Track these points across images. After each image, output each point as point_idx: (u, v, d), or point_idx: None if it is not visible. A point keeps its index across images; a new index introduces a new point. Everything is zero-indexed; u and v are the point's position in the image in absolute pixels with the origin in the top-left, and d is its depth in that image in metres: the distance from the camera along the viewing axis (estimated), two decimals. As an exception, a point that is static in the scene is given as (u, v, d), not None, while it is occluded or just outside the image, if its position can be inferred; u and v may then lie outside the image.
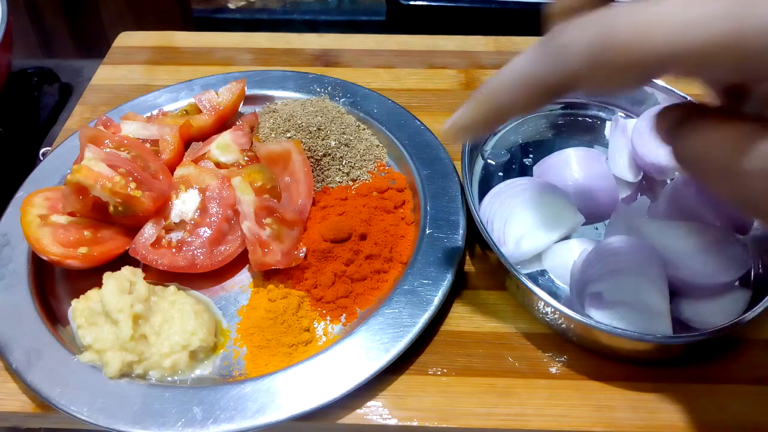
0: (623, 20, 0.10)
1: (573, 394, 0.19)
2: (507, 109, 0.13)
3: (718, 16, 0.09)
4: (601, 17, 0.11)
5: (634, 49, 0.10)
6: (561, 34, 0.11)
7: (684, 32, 0.09)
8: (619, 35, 0.10)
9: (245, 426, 0.17)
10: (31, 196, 0.22)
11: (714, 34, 0.09)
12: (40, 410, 0.18)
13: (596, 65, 0.11)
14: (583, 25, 0.11)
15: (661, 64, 0.10)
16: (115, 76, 0.31)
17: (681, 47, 0.10)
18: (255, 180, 0.23)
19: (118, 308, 0.19)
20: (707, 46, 0.09)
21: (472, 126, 0.14)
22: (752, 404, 0.18)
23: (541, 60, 0.12)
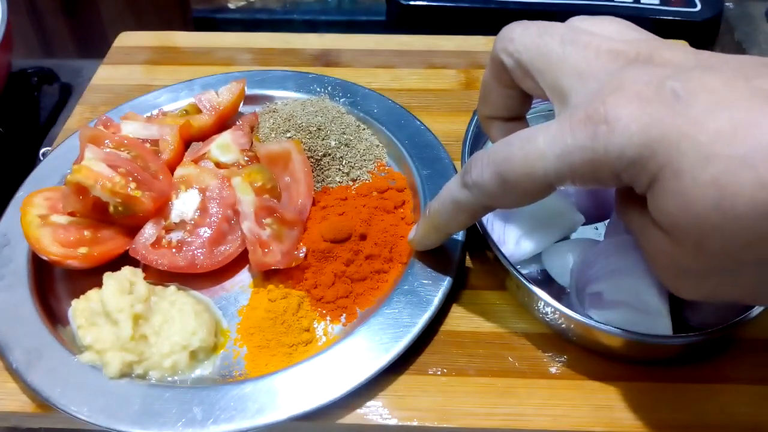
0: (516, 155, 0.14)
1: (573, 394, 0.19)
2: (448, 228, 0.18)
3: (577, 149, 0.13)
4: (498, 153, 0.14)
5: (527, 179, 0.14)
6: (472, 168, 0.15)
7: (557, 162, 0.13)
8: (515, 170, 0.14)
9: (245, 426, 0.17)
10: (31, 196, 0.22)
11: (574, 163, 0.13)
12: (40, 410, 0.18)
13: (504, 194, 0.15)
14: (487, 162, 0.15)
15: (551, 184, 0.14)
16: (115, 76, 0.31)
17: (558, 173, 0.13)
18: (255, 180, 0.23)
19: (119, 308, 0.19)
20: (574, 170, 0.13)
21: (425, 242, 0.19)
22: (753, 404, 0.18)
23: (465, 192, 0.16)
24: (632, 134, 0.12)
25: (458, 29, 0.34)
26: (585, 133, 0.12)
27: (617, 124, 0.12)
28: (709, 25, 0.38)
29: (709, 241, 0.12)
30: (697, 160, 0.11)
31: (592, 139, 0.12)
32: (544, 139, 0.13)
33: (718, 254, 0.12)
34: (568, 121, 0.13)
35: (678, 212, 0.12)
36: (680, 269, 0.13)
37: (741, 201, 0.11)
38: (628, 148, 0.12)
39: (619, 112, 0.12)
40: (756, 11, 0.40)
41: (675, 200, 0.12)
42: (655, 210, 0.12)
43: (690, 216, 0.11)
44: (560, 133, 0.13)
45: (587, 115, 0.12)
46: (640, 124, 0.12)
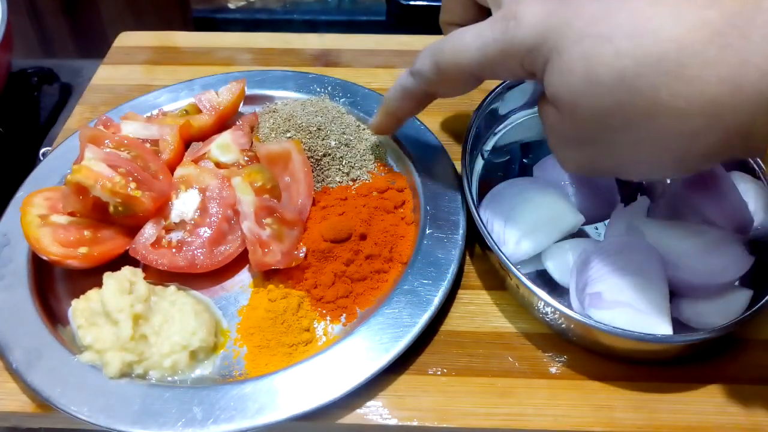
0: (447, 46, 0.17)
1: (573, 394, 0.19)
2: (398, 112, 0.21)
3: (492, 42, 0.16)
4: (435, 46, 0.18)
5: (455, 67, 0.17)
6: (418, 58, 0.18)
7: (478, 54, 0.16)
8: (445, 58, 0.17)
9: (245, 426, 0.17)
10: (31, 196, 0.22)
11: (490, 53, 0.16)
12: (40, 410, 0.18)
13: (439, 79, 0.18)
14: (428, 52, 0.18)
15: (474, 74, 0.17)
16: (115, 76, 0.31)
17: (479, 63, 0.16)
18: (255, 180, 0.23)
19: (119, 308, 0.19)
20: (491, 61, 0.16)
21: (381, 127, 0.22)
22: (753, 404, 0.18)
23: (410, 79, 0.19)
24: (532, 26, 0.15)
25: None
26: (499, 28, 0.15)
27: (522, 18, 0.15)
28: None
29: (581, 107, 0.14)
30: (573, 40, 0.14)
31: (503, 32, 0.15)
32: (471, 35, 0.16)
33: (589, 119, 0.14)
34: (491, 19, 0.16)
35: (558, 84, 0.14)
36: (564, 138, 0.16)
37: (602, 69, 0.13)
38: (529, 37, 0.15)
39: (525, 9, 0.15)
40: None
41: (556, 75, 0.14)
42: (546, 87, 0.15)
43: (566, 86, 0.14)
44: (483, 29, 0.16)
45: (503, 14, 0.15)
46: (539, 17, 0.15)
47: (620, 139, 0.14)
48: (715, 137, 0.13)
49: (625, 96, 0.13)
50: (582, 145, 0.15)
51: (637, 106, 0.13)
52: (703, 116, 0.13)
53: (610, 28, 0.13)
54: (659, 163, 0.14)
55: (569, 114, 0.15)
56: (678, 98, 0.13)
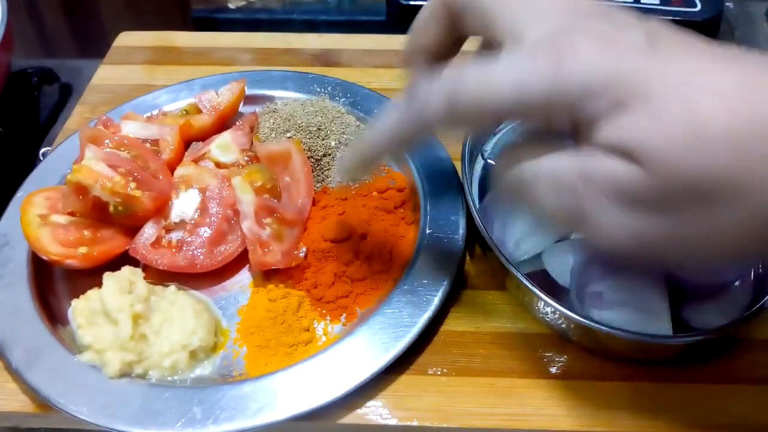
0: (470, 78, 0.13)
1: (573, 394, 0.19)
2: (382, 153, 0.17)
3: (537, 80, 0.12)
4: (450, 76, 0.14)
5: (478, 103, 0.13)
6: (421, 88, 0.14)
7: (513, 90, 0.13)
8: (467, 92, 0.13)
9: (245, 426, 0.17)
10: (31, 196, 0.22)
11: (531, 92, 0.12)
12: (40, 410, 0.18)
13: (450, 116, 0.14)
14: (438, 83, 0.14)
15: (499, 113, 0.13)
16: (114, 76, 0.31)
17: (510, 102, 0.13)
18: (255, 180, 0.23)
19: (118, 308, 0.19)
20: (529, 101, 0.12)
21: (349, 167, 0.17)
22: (753, 404, 0.18)
23: (406, 112, 0.15)
24: (597, 65, 0.12)
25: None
26: (547, 63, 0.12)
27: (582, 56, 0.12)
28: (709, 25, 0.38)
29: (679, 164, 0.11)
30: (667, 86, 0.11)
31: (554, 69, 0.12)
32: (504, 67, 0.13)
33: (685, 181, 0.11)
34: (529, 51, 0.13)
35: (646, 133, 0.11)
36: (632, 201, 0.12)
37: (712, 125, 0.11)
38: (592, 78, 0.12)
39: (584, 47, 0.12)
40: (756, 11, 0.40)
41: (643, 122, 0.11)
42: (615, 135, 0.12)
43: (661, 135, 0.11)
44: (521, 62, 0.13)
45: (551, 47, 0.12)
46: (607, 58, 0.12)
47: (713, 212, 0.11)
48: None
49: (736, 162, 0.11)
50: (659, 212, 0.12)
51: (747, 177, 0.11)
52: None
53: (714, 83, 0.11)
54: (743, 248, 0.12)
55: (659, 171, 0.11)
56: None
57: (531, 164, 0.13)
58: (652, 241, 0.12)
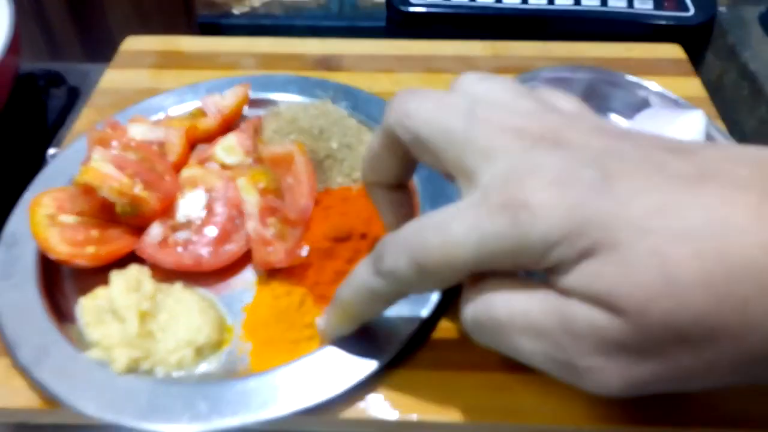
0: (432, 243, 0.13)
1: (569, 389, 0.19)
2: (359, 317, 0.17)
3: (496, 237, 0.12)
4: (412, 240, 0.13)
5: (446, 267, 0.13)
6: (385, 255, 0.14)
7: (476, 250, 0.12)
8: (432, 258, 0.13)
9: (249, 420, 0.17)
10: (39, 197, 0.23)
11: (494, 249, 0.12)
12: (48, 406, 0.19)
13: (422, 281, 0.14)
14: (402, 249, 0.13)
15: (469, 270, 0.13)
16: (121, 80, 0.31)
17: (477, 260, 0.12)
18: (259, 181, 0.23)
19: (126, 306, 0.19)
20: (494, 257, 0.12)
21: (336, 333, 0.18)
22: (750, 402, 0.19)
23: (378, 280, 0.14)
24: (556, 217, 0.11)
25: (457, 35, 0.35)
26: (504, 220, 0.12)
27: (539, 209, 0.11)
28: (702, 30, 0.39)
29: (654, 313, 0.10)
30: (633, 232, 0.11)
31: (513, 225, 0.11)
32: (460, 227, 0.12)
33: (663, 328, 0.11)
34: (484, 206, 0.12)
35: (619, 282, 0.11)
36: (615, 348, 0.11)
37: (683, 271, 0.10)
38: (553, 230, 0.11)
39: (539, 196, 0.11)
40: (749, 15, 0.41)
41: (615, 269, 0.11)
42: (587, 283, 0.11)
43: (633, 284, 0.11)
44: (477, 220, 0.12)
45: (504, 200, 0.12)
46: (564, 206, 0.11)
47: (698, 353, 0.11)
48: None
49: (713, 307, 0.10)
50: (645, 357, 0.11)
51: (726, 321, 0.10)
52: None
53: (680, 223, 0.10)
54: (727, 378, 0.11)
55: (635, 319, 0.11)
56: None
57: (502, 303, 0.13)
58: (645, 382, 0.11)
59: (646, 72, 0.31)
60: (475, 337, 0.14)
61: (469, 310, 0.14)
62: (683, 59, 0.33)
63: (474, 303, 0.13)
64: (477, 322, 0.13)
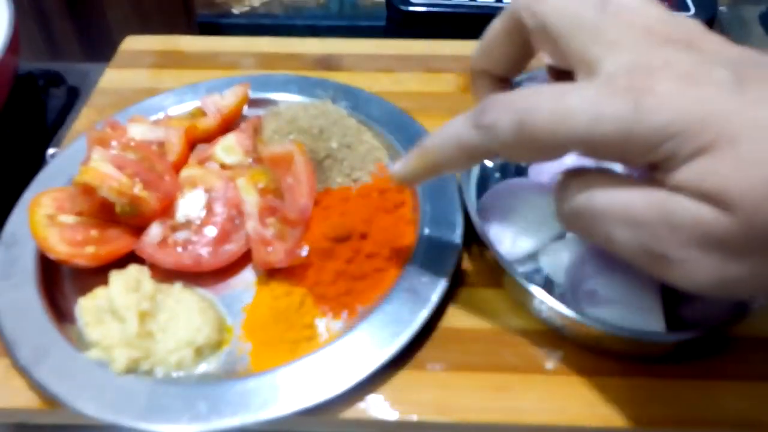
0: (543, 107, 0.12)
1: (568, 389, 0.19)
2: (442, 167, 0.16)
3: (614, 118, 0.11)
4: (522, 101, 0.13)
5: (549, 135, 0.12)
6: (489, 110, 0.13)
7: (588, 126, 0.12)
8: (538, 122, 0.12)
9: (249, 420, 0.17)
10: (38, 197, 0.23)
11: (607, 131, 0.12)
12: (48, 406, 0.19)
13: (518, 144, 0.13)
14: (509, 107, 0.13)
15: (569, 148, 0.12)
16: (121, 80, 0.31)
17: (584, 138, 0.12)
18: (259, 181, 0.23)
19: (125, 306, 0.19)
20: (604, 139, 0.12)
21: (412, 178, 0.17)
22: (747, 401, 0.19)
23: (473, 132, 0.14)
24: (680, 108, 0.11)
25: (456, 34, 0.35)
26: (627, 102, 0.11)
27: (664, 97, 0.11)
28: (702, 30, 0.39)
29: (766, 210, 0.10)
30: (757, 132, 0.11)
31: (635, 108, 0.11)
32: (579, 100, 0.12)
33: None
34: (607, 87, 0.12)
35: (734, 178, 0.11)
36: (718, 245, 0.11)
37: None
38: (674, 121, 0.11)
39: (667, 86, 0.11)
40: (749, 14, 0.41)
41: (729, 168, 0.11)
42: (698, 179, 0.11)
43: (748, 183, 0.11)
44: (598, 96, 0.12)
45: (630, 84, 0.11)
46: (691, 99, 0.11)
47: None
48: None
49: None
50: (744, 256, 0.11)
51: None
52: None
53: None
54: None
55: (745, 217, 0.11)
56: None
57: (603, 195, 0.12)
58: (734, 281, 0.12)
59: (646, 72, 0.31)
60: (569, 226, 0.14)
61: (568, 199, 0.13)
62: (683, 59, 0.33)
63: (574, 192, 0.13)
64: (575, 211, 0.13)
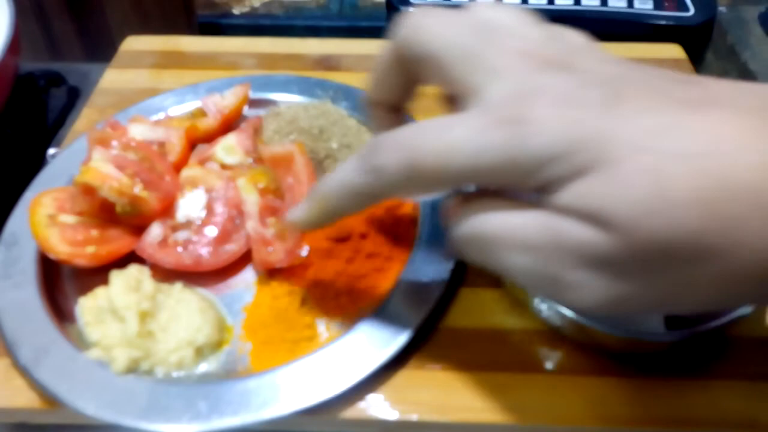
0: (429, 144, 0.13)
1: (568, 388, 0.19)
2: (340, 213, 0.16)
3: (497, 148, 0.12)
4: (409, 140, 0.13)
5: (438, 171, 0.12)
6: (378, 152, 0.14)
7: (473, 158, 0.12)
8: (426, 160, 0.13)
9: (249, 420, 0.17)
10: (39, 197, 0.23)
11: (491, 161, 0.12)
12: (48, 406, 0.19)
13: (410, 183, 0.13)
14: (395, 147, 0.13)
15: (460, 180, 0.13)
16: (121, 80, 0.31)
17: (471, 170, 0.12)
18: (259, 181, 0.23)
19: (126, 305, 0.19)
20: (490, 169, 0.12)
21: (308, 225, 0.17)
22: (745, 400, 0.19)
23: (365, 176, 0.14)
24: (555, 133, 0.11)
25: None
26: (503, 133, 0.12)
27: (539, 124, 0.11)
28: (702, 30, 0.39)
29: (646, 229, 0.10)
30: (632, 150, 0.11)
31: (512, 137, 0.12)
32: (462, 133, 0.12)
33: (654, 244, 0.11)
34: (486, 118, 0.12)
35: (611, 198, 0.11)
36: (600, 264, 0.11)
37: (677, 187, 0.10)
38: (551, 145, 0.11)
39: (541, 112, 0.11)
40: (749, 15, 0.41)
41: (607, 188, 0.11)
42: (581, 199, 0.11)
43: (627, 202, 0.11)
44: (480, 128, 0.12)
45: (507, 115, 0.12)
46: (565, 122, 0.11)
47: (687, 273, 0.11)
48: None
49: (706, 225, 0.10)
50: (634, 275, 0.11)
51: (717, 240, 0.10)
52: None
53: (679, 143, 0.10)
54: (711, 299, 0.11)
55: (627, 237, 0.11)
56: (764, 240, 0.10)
57: (494, 220, 0.13)
58: (627, 300, 0.12)
59: (646, 72, 0.31)
60: (466, 254, 0.14)
61: (461, 227, 0.13)
62: (683, 59, 0.33)
63: (467, 220, 0.13)
64: (469, 239, 0.13)
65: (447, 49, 0.14)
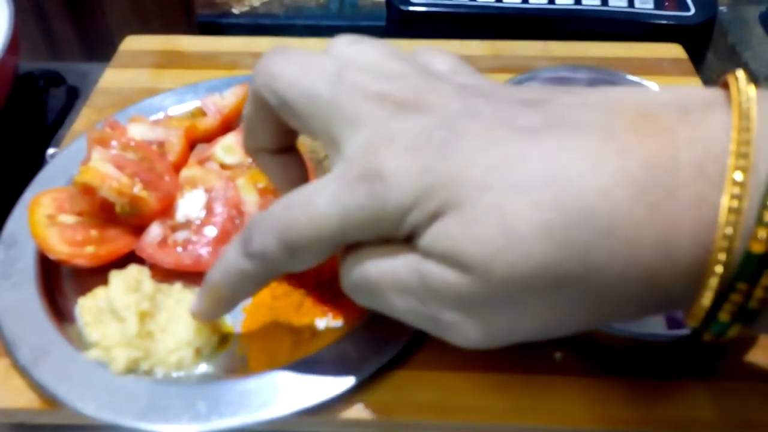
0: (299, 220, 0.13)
1: (568, 389, 0.19)
2: (233, 300, 0.16)
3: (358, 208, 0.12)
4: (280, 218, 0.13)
5: (314, 243, 0.13)
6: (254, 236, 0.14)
7: (341, 223, 0.12)
8: (300, 236, 0.13)
9: (249, 420, 0.17)
10: (38, 197, 0.23)
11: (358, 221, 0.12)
12: (47, 406, 0.19)
13: (293, 260, 0.14)
14: (269, 229, 0.13)
15: (336, 244, 0.13)
16: (121, 79, 0.31)
17: (342, 233, 0.13)
18: (259, 181, 0.23)
19: (125, 306, 0.19)
20: (358, 228, 0.12)
21: (208, 314, 0.17)
22: (745, 400, 0.19)
23: (248, 262, 0.14)
24: (407, 184, 0.11)
25: (457, 35, 0.35)
26: (362, 191, 0.12)
27: (391, 178, 0.12)
28: (703, 29, 0.39)
29: (499, 266, 0.11)
30: (475, 190, 0.11)
31: (370, 196, 0.12)
32: (324, 201, 0.12)
33: (510, 280, 0.11)
34: (345, 178, 0.12)
35: (463, 240, 0.11)
36: (466, 304, 0.12)
37: (521, 223, 0.10)
38: (405, 197, 0.11)
39: (391, 165, 0.12)
40: (749, 15, 0.41)
41: (458, 229, 0.11)
42: (437, 243, 0.11)
43: (476, 242, 0.11)
44: (338, 192, 0.12)
45: (362, 171, 0.12)
46: (413, 173, 0.11)
47: (552, 300, 0.11)
48: (646, 305, 0.11)
49: (555, 255, 0.10)
50: (494, 310, 0.12)
51: (569, 268, 0.10)
52: (638, 285, 0.10)
53: (518, 177, 0.11)
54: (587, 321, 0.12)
55: (481, 275, 0.11)
56: (614, 262, 0.10)
57: (373, 266, 0.13)
58: (510, 334, 0.12)
59: (646, 72, 0.31)
60: (355, 299, 0.14)
61: (346, 275, 0.14)
62: (684, 59, 0.33)
63: (350, 268, 0.13)
64: (354, 285, 0.14)
65: (305, 98, 0.13)
